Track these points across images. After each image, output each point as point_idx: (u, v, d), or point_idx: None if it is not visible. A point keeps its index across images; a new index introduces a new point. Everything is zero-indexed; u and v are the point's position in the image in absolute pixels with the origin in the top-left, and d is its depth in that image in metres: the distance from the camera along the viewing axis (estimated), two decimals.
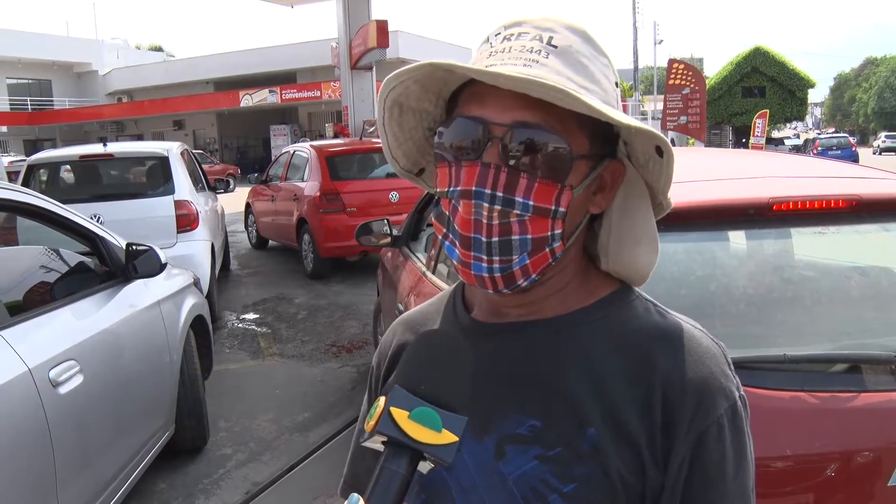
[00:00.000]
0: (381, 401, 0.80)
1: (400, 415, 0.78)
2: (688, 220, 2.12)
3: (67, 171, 8.51)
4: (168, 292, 4.29)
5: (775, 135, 46.03)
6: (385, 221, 4.58)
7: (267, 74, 38.35)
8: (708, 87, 30.44)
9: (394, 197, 9.54)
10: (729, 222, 2.23)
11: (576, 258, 0.97)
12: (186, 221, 7.34)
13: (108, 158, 8.02)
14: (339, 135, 16.87)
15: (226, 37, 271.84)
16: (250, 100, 37.36)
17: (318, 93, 35.20)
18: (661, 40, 47.81)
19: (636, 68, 45.42)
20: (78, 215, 3.72)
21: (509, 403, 0.92)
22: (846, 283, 2.38)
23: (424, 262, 3.88)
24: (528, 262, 0.89)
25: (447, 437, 0.78)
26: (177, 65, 47.58)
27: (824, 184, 2.43)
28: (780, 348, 1.98)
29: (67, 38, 50.66)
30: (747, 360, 1.91)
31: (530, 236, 0.88)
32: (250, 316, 8.43)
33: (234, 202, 16.31)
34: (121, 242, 3.89)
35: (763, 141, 21.77)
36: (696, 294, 2.14)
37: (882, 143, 51.51)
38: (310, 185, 10.10)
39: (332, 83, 31.22)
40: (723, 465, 0.88)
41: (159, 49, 71.13)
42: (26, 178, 7.55)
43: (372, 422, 0.79)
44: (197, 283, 5.04)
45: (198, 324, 4.76)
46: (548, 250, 0.89)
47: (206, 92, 42.13)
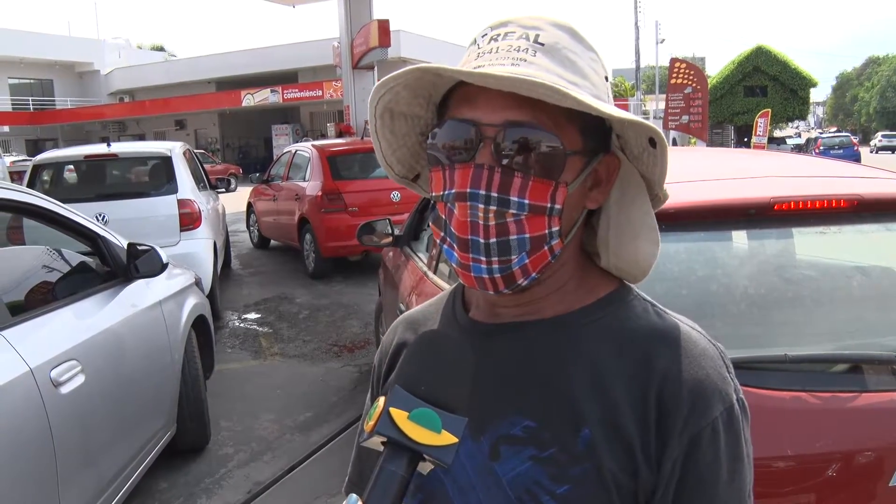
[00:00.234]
0: (381, 401, 0.80)
1: (399, 415, 0.77)
2: (689, 219, 2.11)
3: (72, 171, 8.59)
4: (169, 292, 4.30)
5: (777, 134, 45.97)
6: (387, 221, 4.58)
7: (268, 74, 38.32)
8: (710, 86, 30.38)
9: (395, 196, 9.54)
10: (730, 222, 2.23)
11: (573, 256, 0.97)
12: (189, 220, 7.44)
13: (112, 158, 8.13)
14: (345, 133, 16.85)
15: (227, 36, 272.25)
16: (252, 99, 37.35)
17: (320, 92, 35.18)
18: (663, 39, 47.78)
19: (638, 67, 45.39)
20: (79, 215, 3.71)
21: (505, 403, 0.92)
22: (848, 283, 2.38)
23: (426, 261, 3.88)
24: (527, 261, 0.88)
25: (447, 438, 0.77)
26: (178, 64, 47.54)
27: (826, 183, 2.43)
28: (782, 348, 1.98)
29: (69, 37, 50.65)
30: (748, 360, 1.91)
31: (528, 235, 0.87)
32: (252, 315, 8.43)
33: (236, 202, 16.33)
34: (122, 242, 3.89)
35: (765, 140, 21.74)
36: (697, 294, 2.14)
37: (878, 142, 52.11)
38: (311, 185, 10.10)
39: (333, 83, 31.22)
40: (717, 468, 0.87)
41: (161, 49, 71.09)
42: (32, 178, 7.62)
43: (371, 422, 0.79)
44: (198, 282, 5.04)
45: (199, 323, 4.77)
46: (546, 248, 0.89)
47: (208, 91, 42.10)
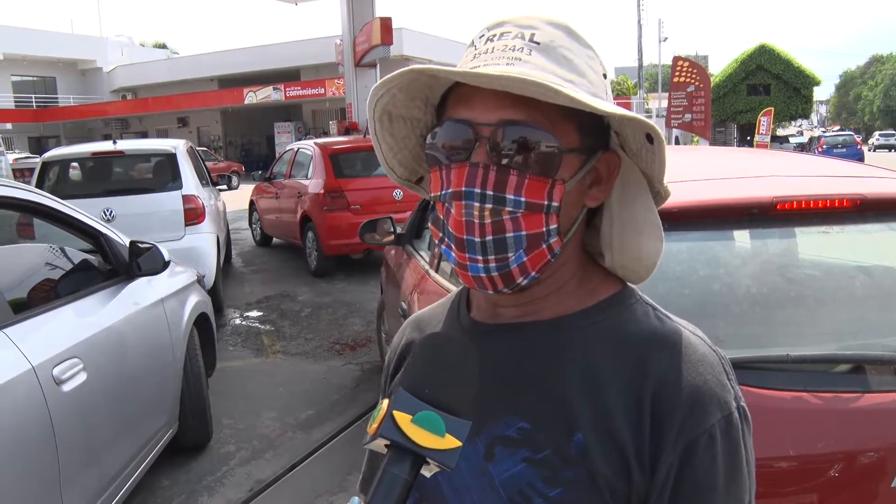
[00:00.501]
0: (385, 404, 0.79)
1: (403, 419, 0.77)
2: (691, 219, 2.11)
3: (80, 168, 8.78)
4: (171, 290, 4.30)
5: (780, 133, 45.91)
6: (389, 219, 4.58)
7: (271, 72, 38.31)
8: (713, 84, 30.35)
9: (398, 195, 9.53)
10: (733, 222, 2.22)
11: (574, 256, 0.96)
12: (194, 215, 7.65)
13: (118, 155, 8.35)
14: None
15: (230, 34, 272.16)
16: (254, 97, 37.36)
17: (322, 90, 35.16)
18: (666, 38, 47.58)
19: (641, 66, 45.32)
20: (81, 213, 3.71)
21: (501, 405, 0.92)
22: (850, 283, 2.37)
23: (428, 260, 3.88)
24: (525, 259, 0.88)
25: (450, 441, 0.77)
26: (181, 62, 47.51)
27: (829, 183, 2.42)
28: (784, 348, 1.98)
29: (72, 35, 50.60)
30: (750, 360, 1.90)
31: (524, 233, 0.87)
32: (254, 313, 8.44)
33: (238, 199, 16.33)
34: (124, 240, 3.89)
35: (768, 139, 21.68)
36: (699, 294, 2.14)
37: (876, 140, 53.63)
38: (314, 183, 10.10)
39: (336, 80, 31.18)
40: (713, 476, 0.85)
41: (163, 46, 71.17)
42: (41, 175, 7.80)
43: (375, 425, 0.78)
44: (200, 280, 5.04)
45: (201, 321, 4.77)
46: (545, 246, 0.88)
47: (211, 89, 42.10)
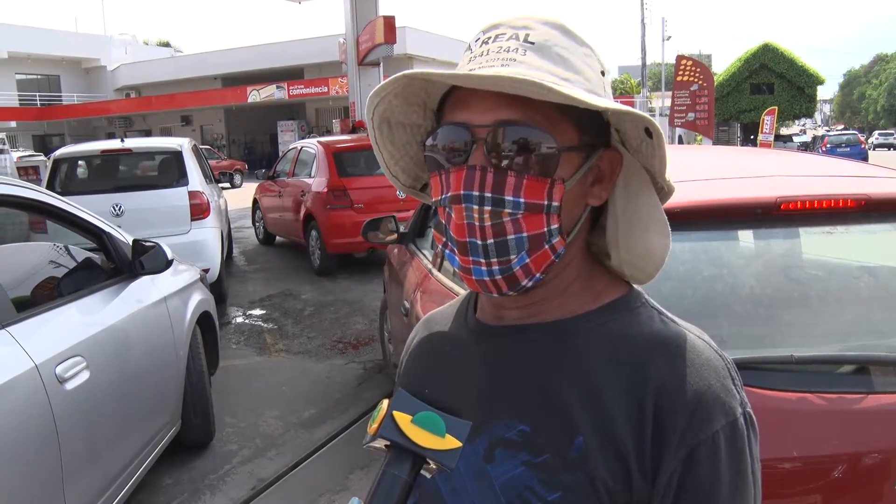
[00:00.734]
0: (385, 404, 0.79)
1: (403, 419, 0.76)
2: (695, 219, 2.10)
3: (90, 165, 9.01)
4: (174, 288, 4.30)
5: (784, 132, 45.83)
6: (392, 218, 4.58)
7: (274, 70, 38.32)
8: (716, 83, 30.29)
9: (401, 194, 9.39)
10: (736, 222, 2.22)
11: (578, 257, 0.95)
12: (199, 210, 7.94)
13: (126, 153, 8.67)
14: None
15: (233, 32, 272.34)
16: (258, 95, 37.38)
17: (326, 89, 35.17)
18: (670, 37, 47.47)
19: (644, 65, 45.19)
20: (84, 211, 3.71)
21: (502, 406, 0.91)
22: (854, 284, 2.37)
23: (431, 259, 3.87)
24: (528, 261, 0.87)
25: (451, 442, 0.76)
26: (184, 60, 47.56)
27: (833, 183, 2.41)
28: (788, 349, 1.97)
29: (76, 33, 50.68)
30: (754, 360, 1.90)
31: (526, 234, 0.86)
32: (257, 312, 8.44)
33: (242, 198, 16.34)
34: (127, 238, 3.89)
35: (771, 138, 21.67)
36: (702, 294, 2.13)
37: (875, 139, 55.56)
38: (317, 182, 10.10)
39: (339, 79, 31.19)
40: (716, 484, 0.84)
41: (167, 45, 71.19)
42: (53, 171, 8.09)
43: (375, 425, 0.78)
44: (203, 279, 5.05)
45: (204, 320, 4.78)
46: (547, 247, 0.88)
47: (214, 87, 42.12)
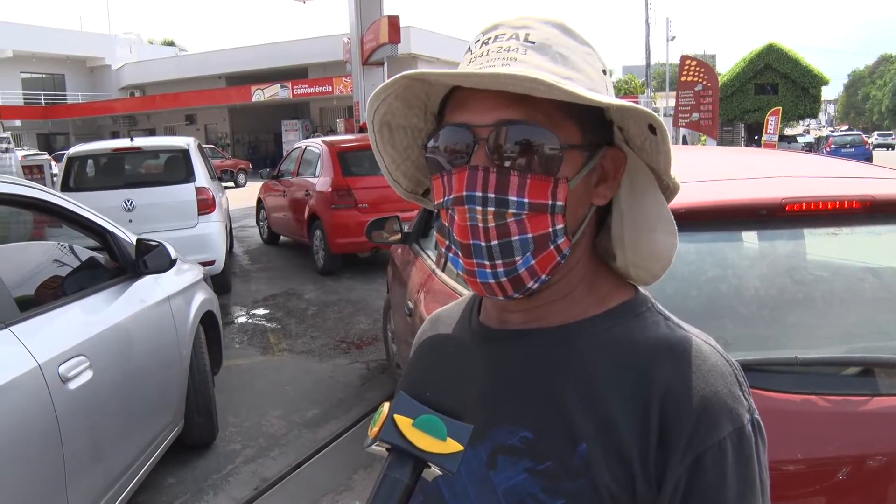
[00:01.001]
0: (386, 407, 0.78)
1: (404, 422, 0.75)
2: (699, 220, 2.10)
3: (102, 163, 9.32)
4: (178, 288, 4.30)
5: (788, 132, 45.77)
6: (396, 218, 4.57)
7: (278, 69, 38.36)
8: (720, 83, 30.23)
9: None
10: (741, 223, 2.21)
11: (584, 258, 0.94)
12: (205, 205, 8.40)
13: (136, 151, 9.17)
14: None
15: (238, 32, 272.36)
16: (262, 95, 37.42)
17: (330, 88, 35.20)
18: (674, 37, 47.48)
19: (648, 65, 45.11)
20: (88, 210, 3.71)
21: (505, 412, 0.90)
22: (859, 285, 2.36)
23: (434, 259, 3.87)
24: (533, 262, 0.86)
25: (452, 445, 0.75)
26: (189, 59, 47.67)
27: (838, 184, 2.41)
28: (792, 350, 1.97)
29: (81, 32, 50.80)
30: (758, 362, 1.89)
31: (530, 235, 0.85)
32: (260, 311, 8.45)
33: (246, 197, 16.34)
34: (131, 238, 3.89)
35: (776, 138, 21.63)
36: (707, 295, 2.12)
37: (875, 139, 56.38)
38: (321, 181, 10.10)
39: (343, 78, 31.21)
40: (722, 493, 0.82)
41: (172, 44, 71.42)
42: (67, 169, 8.50)
43: (375, 428, 0.77)
44: (206, 278, 5.05)
45: (207, 319, 4.78)
46: (552, 248, 0.86)
47: (218, 87, 42.18)
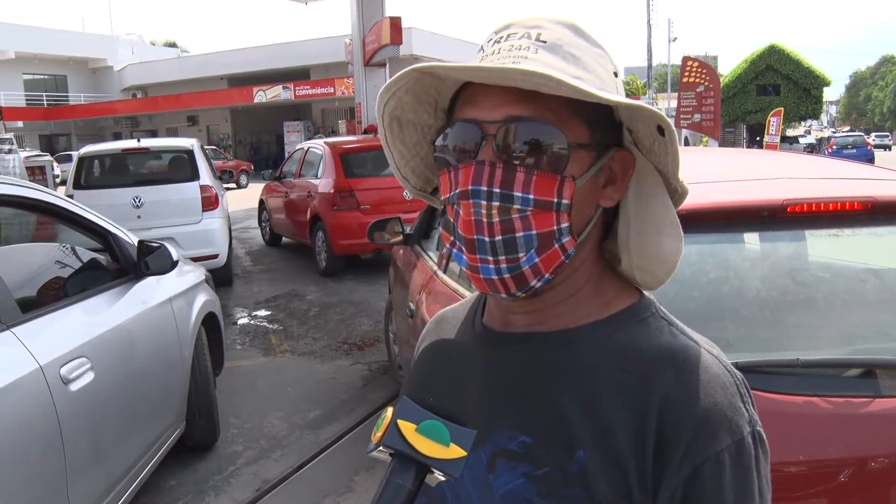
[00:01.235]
0: (389, 412, 0.78)
1: (407, 427, 0.75)
2: (701, 221, 2.09)
3: (112, 162, 9.83)
4: (180, 289, 4.30)
5: (790, 133, 45.75)
6: (397, 219, 4.57)
7: (280, 71, 38.37)
8: (722, 84, 30.20)
9: (408, 195, 9.47)
10: (743, 224, 2.21)
11: (589, 259, 0.93)
12: (209, 202, 8.97)
13: (144, 151, 9.75)
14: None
15: (240, 33, 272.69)
16: (264, 96, 37.42)
17: (332, 89, 35.19)
18: (676, 38, 47.46)
19: (650, 66, 45.19)
20: (90, 211, 3.72)
21: (505, 416, 0.90)
22: (861, 286, 2.35)
23: (436, 260, 3.87)
24: (537, 260, 0.85)
25: (455, 451, 0.75)
26: (191, 61, 47.65)
27: (839, 185, 2.41)
28: (794, 352, 1.97)
29: (83, 33, 50.83)
30: (760, 363, 1.89)
31: (535, 232, 0.84)
32: (262, 312, 8.45)
33: (248, 198, 16.34)
34: (133, 239, 3.90)
35: (778, 139, 21.61)
36: (708, 296, 2.12)
37: (872, 140, 56.41)
38: (324, 182, 10.10)
39: (345, 80, 31.21)
40: None
41: (174, 45, 71.42)
42: (78, 168, 8.98)
43: (378, 433, 0.76)
44: (208, 280, 5.05)
45: (209, 321, 4.78)
46: (557, 246, 0.85)
47: (220, 88, 42.20)
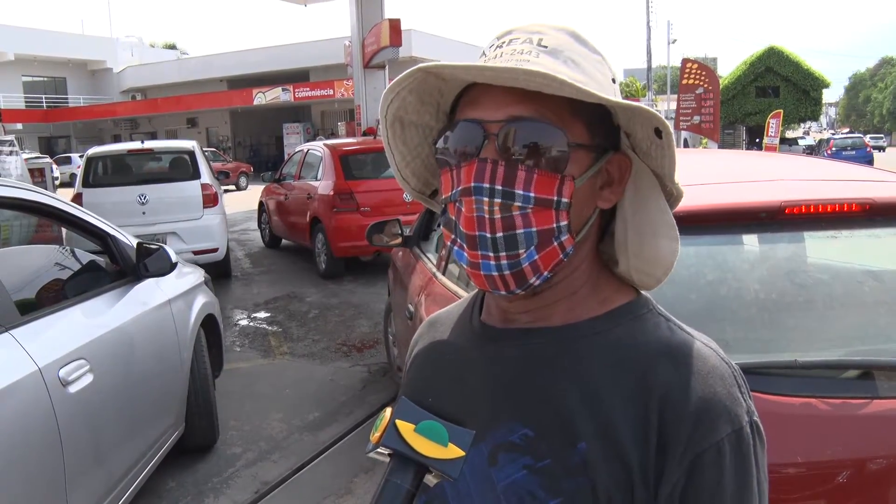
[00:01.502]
0: (387, 412, 0.79)
1: (405, 428, 0.76)
2: (699, 223, 2.10)
3: (118, 162, 10.39)
4: (179, 291, 4.30)
5: (789, 135, 45.77)
6: (396, 221, 4.57)
7: (280, 73, 38.41)
8: (721, 86, 30.27)
9: (408, 197, 9.42)
10: (741, 226, 2.21)
11: (587, 260, 0.95)
12: (209, 200, 9.59)
13: (148, 152, 10.35)
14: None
15: (239, 35, 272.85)
16: (263, 98, 37.45)
17: (331, 91, 35.23)
18: (675, 40, 47.51)
19: (649, 68, 45.12)
20: (89, 213, 3.72)
21: (506, 410, 0.91)
22: (859, 288, 2.35)
23: (435, 262, 3.87)
24: (536, 257, 0.87)
25: (453, 451, 0.76)
26: (190, 63, 47.70)
27: (837, 187, 2.41)
28: (792, 354, 1.97)
29: (82, 35, 50.94)
30: (758, 365, 1.89)
31: (535, 229, 0.86)
32: (261, 315, 8.45)
33: (248, 200, 16.33)
34: (132, 241, 3.90)
35: (777, 141, 21.64)
36: (707, 298, 2.12)
37: (868, 141, 55.08)
38: (323, 185, 10.10)
39: (344, 82, 31.25)
40: (720, 495, 0.82)
41: (173, 47, 71.41)
42: (87, 168, 9.53)
43: (377, 433, 0.77)
44: (207, 282, 5.05)
45: (208, 322, 4.78)
46: (556, 244, 0.87)
47: (220, 90, 42.25)
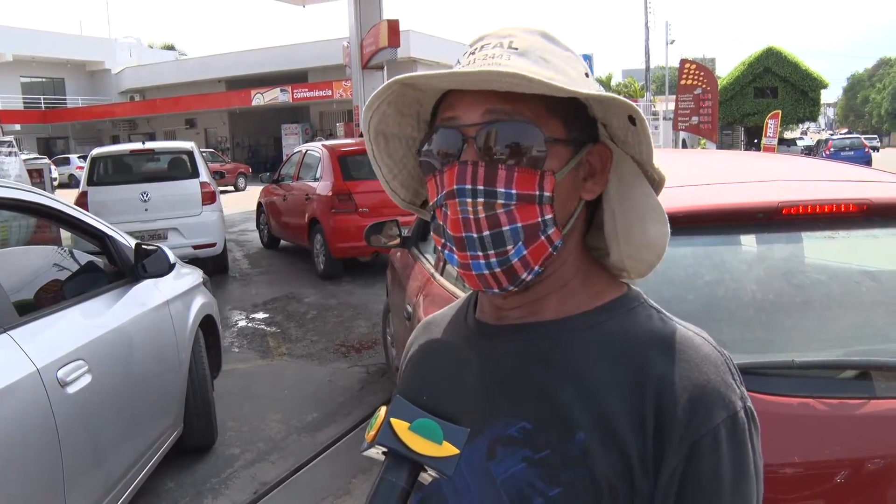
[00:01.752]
0: (382, 411, 0.79)
1: (400, 426, 0.76)
2: (697, 223, 2.10)
3: (121, 162, 10.89)
4: (177, 292, 4.30)
5: (787, 135, 45.82)
6: (395, 222, 4.57)
7: (278, 73, 38.42)
8: (720, 87, 30.31)
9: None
10: (738, 226, 2.21)
11: (575, 253, 0.97)
12: (208, 197, 10.11)
13: (150, 152, 10.96)
14: None
15: (238, 36, 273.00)
16: (262, 99, 37.46)
17: (330, 92, 35.25)
18: (673, 40, 47.57)
19: (648, 68, 45.16)
20: (87, 214, 3.72)
21: (502, 405, 0.92)
22: (857, 289, 2.36)
23: (433, 263, 3.87)
24: (525, 252, 0.88)
25: (448, 449, 0.76)
26: (189, 64, 47.72)
27: (835, 187, 2.41)
28: (789, 354, 1.97)
29: (81, 36, 50.98)
30: (755, 365, 1.89)
31: (520, 224, 0.88)
32: (260, 315, 8.45)
33: (246, 201, 16.32)
34: (130, 242, 3.90)
35: (775, 142, 21.68)
36: (704, 299, 2.12)
37: None
38: (322, 185, 10.11)
39: (343, 82, 31.26)
40: (718, 479, 0.85)
41: (172, 48, 71.45)
42: (91, 167, 10.02)
43: (372, 432, 0.78)
44: (206, 282, 5.05)
45: (207, 323, 4.78)
46: (543, 238, 0.89)
47: (218, 91, 42.26)
